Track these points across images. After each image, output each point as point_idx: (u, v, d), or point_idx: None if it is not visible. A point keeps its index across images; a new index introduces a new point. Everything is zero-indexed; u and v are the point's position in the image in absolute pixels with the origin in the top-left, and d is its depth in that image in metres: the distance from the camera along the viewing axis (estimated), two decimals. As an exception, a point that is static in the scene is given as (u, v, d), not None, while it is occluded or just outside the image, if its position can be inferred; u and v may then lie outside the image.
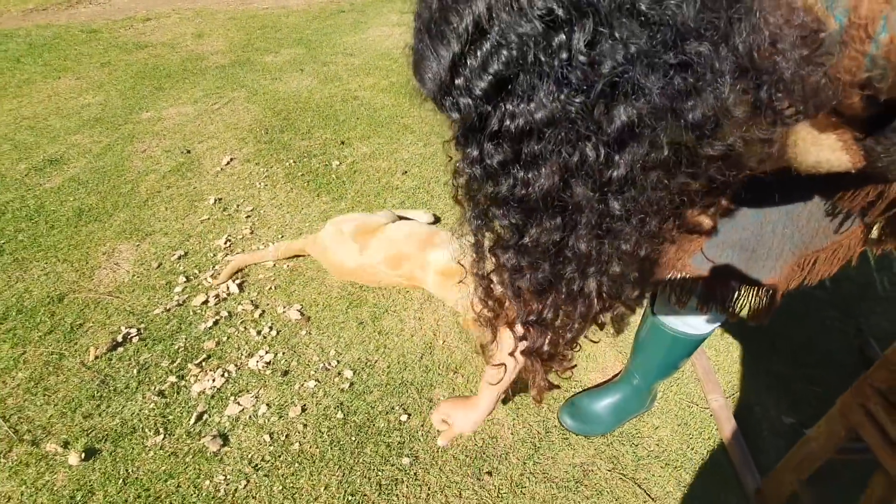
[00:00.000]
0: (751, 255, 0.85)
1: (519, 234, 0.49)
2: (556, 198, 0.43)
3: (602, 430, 1.21)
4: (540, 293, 0.55)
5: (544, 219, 0.45)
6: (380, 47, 3.53)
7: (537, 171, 0.41)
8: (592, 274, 0.50)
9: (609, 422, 1.21)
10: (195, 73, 2.98)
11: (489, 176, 0.45)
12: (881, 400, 0.83)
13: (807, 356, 1.45)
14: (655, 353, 1.10)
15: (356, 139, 2.35)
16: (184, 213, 1.85)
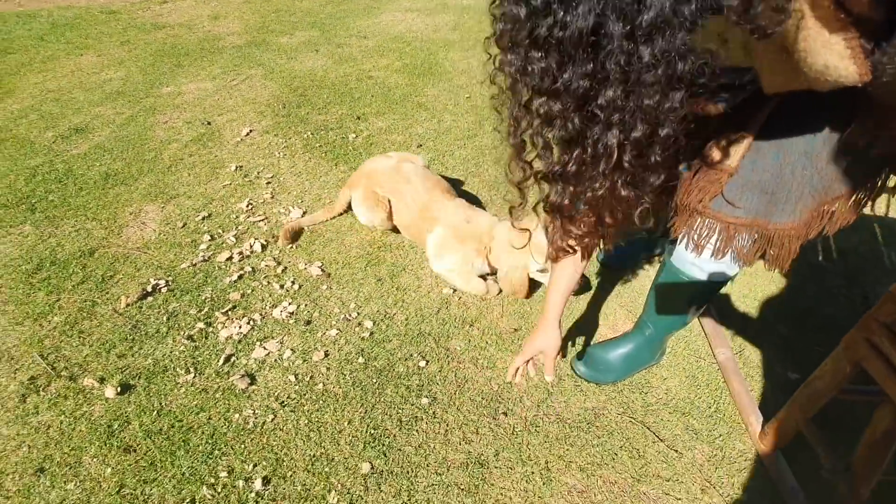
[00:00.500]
0: (770, 197, 0.87)
1: (553, 78, 0.54)
2: (590, 40, 0.48)
3: (613, 378, 1.26)
4: (567, 144, 0.60)
5: (578, 62, 0.51)
6: (393, 31, 3.57)
7: (575, 12, 0.47)
8: (616, 125, 0.55)
9: (620, 370, 1.26)
10: (212, 53, 3.03)
11: (532, 14, 0.50)
12: (886, 332, 0.88)
13: (812, 320, 1.49)
14: (671, 302, 1.14)
15: (371, 115, 2.40)
16: (206, 178, 1.90)
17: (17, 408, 1.12)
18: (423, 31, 3.64)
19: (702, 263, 1.01)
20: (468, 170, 2.04)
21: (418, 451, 1.09)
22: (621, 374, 1.26)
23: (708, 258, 0.98)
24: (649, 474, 1.08)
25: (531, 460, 1.09)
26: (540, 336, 1.11)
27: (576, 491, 1.04)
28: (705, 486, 1.07)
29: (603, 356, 1.27)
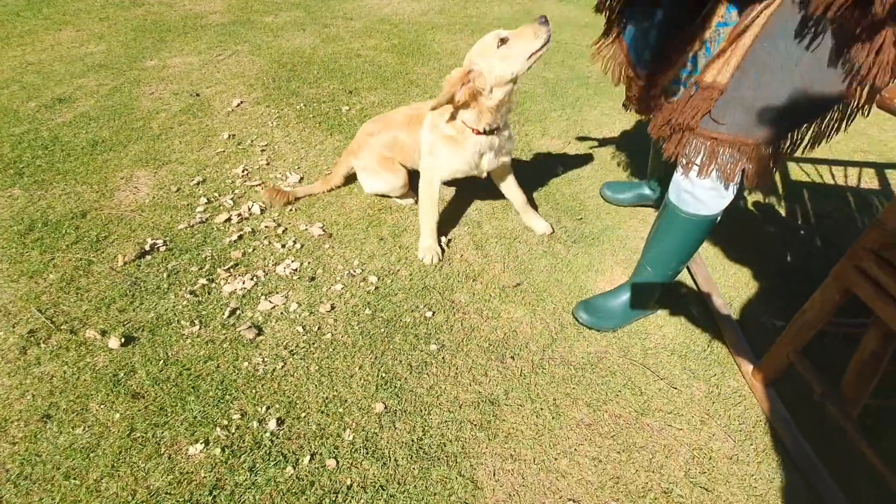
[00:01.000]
0: (751, 114, 0.96)
1: None
2: None
3: (613, 325, 1.30)
4: None
5: None
6: (379, 13, 3.57)
7: None
8: None
9: (620, 317, 1.31)
10: (196, 29, 2.97)
11: None
12: (874, 257, 0.94)
13: (793, 276, 1.57)
14: (671, 240, 1.20)
15: (363, 90, 2.40)
16: (198, 146, 1.88)
17: (17, 359, 1.10)
18: (409, 14, 3.65)
19: (695, 191, 1.08)
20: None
21: (430, 392, 1.11)
22: (621, 321, 1.31)
23: (700, 183, 1.06)
24: (652, 409, 1.13)
25: (540, 398, 1.12)
26: None
27: (584, 424, 1.08)
28: (704, 418, 1.12)
29: (605, 304, 1.32)
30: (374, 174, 1.58)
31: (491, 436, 1.04)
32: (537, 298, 1.38)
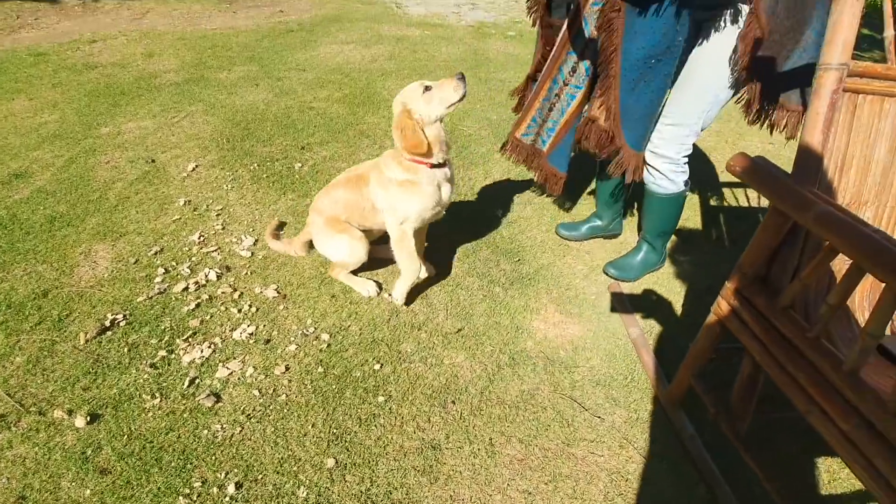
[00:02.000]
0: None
1: None
2: None
3: (634, 276, 1.80)
4: None
5: None
6: (331, 63, 3.73)
7: None
8: None
9: (638, 270, 1.81)
10: (150, 91, 3.07)
11: None
12: (738, 297, 1.12)
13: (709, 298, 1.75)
14: (656, 216, 1.72)
15: (316, 144, 2.53)
16: (155, 215, 1.96)
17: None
18: (360, 62, 3.83)
19: (659, 181, 1.62)
20: (409, 190, 2.22)
21: (377, 443, 1.23)
22: (639, 273, 1.81)
23: (657, 174, 1.61)
24: (577, 439, 1.27)
25: (477, 439, 1.25)
26: None
27: (516, 460, 1.21)
28: (623, 443, 1.27)
29: (626, 262, 1.82)
30: (326, 236, 1.61)
31: (432, 479, 1.16)
32: (477, 342, 1.52)
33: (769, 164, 1.02)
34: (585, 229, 1.99)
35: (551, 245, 1.97)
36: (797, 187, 0.93)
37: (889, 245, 0.76)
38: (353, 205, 1.58)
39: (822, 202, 0.89)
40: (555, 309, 1.67)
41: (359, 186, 1.57)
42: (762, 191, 0.99)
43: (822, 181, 1.04)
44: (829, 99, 0.98)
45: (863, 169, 1.07)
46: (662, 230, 1.76)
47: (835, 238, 0.82)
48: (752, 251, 1.09)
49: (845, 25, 0.94)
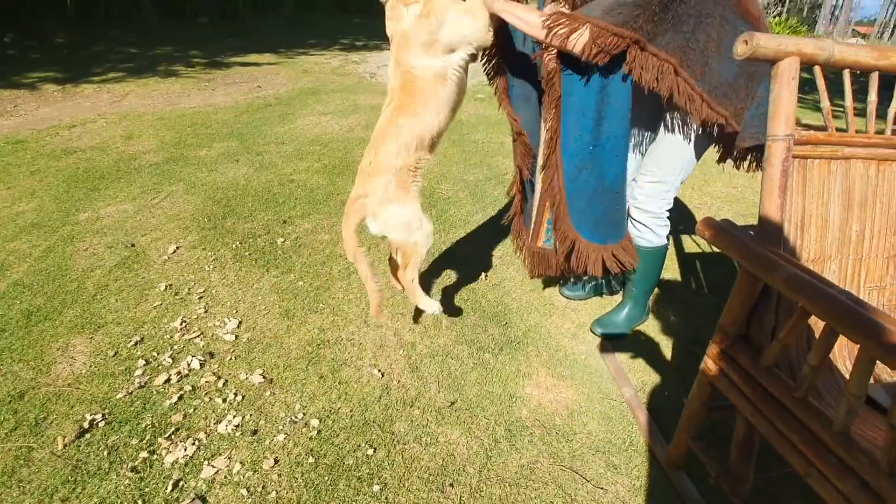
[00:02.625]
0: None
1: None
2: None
3: (621, 331, 1.81)
4: None
5: None
6: (309, 135, 3.86)
7: None
8: None
9: (624, 325, 1.81)
10: (129, 173, 3.10)
11: None
12: (723, 356, 1.14)
13: (697, 348, 1.78)
14: (639, 268, 1.70)
15: (297, 217, 2.56)
16: (135, 302, 1.93)
17: (-56, 583, 1.06)
18: (337, 132, 3.96)
19: (644, 235, 1.67)
20: (393, 258, 2.24)
21: (375, 538, 1.17)
22: (625, 329, 1.82)
23: (642, 227, 1.67)
24: (582, 514, 1.23)
25: (479, 524, 1.20)
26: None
27: (521, 544, 1.16)
28: (629, 515, 1.23)
29: (611, 319, 1.83)
30: (403, 203, 1.43)
31: (436, 575, 1.10)
32: (471, 415, 1.49)
33: (735, 228, 1.07)
34: (588, 289, 2.04)
35: (537, 305, 1.99)
36: (763, 250, 0.98)
37: (857, 308, 0.79)
38: (429, 92, 1.37)
39: (788, 264, 0.93)
40: (546, 372, 1.66)
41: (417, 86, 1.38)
42: (732, 254, 1.04)
43: (786, 241, 1.10)
44: (781, 167, 1.05)
45: (821, 226, 1.13)
46: (647, 283, 1.80)
47: (805, 301, 0.86)
48: (731, 311, 1.12)
49: (785, 101, 1.03)
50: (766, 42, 0.99)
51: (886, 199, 1.16)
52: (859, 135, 1.12)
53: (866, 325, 0.75)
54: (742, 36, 1.01)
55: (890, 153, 1.14)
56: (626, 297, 1.84)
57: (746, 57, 1.01)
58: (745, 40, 1.00)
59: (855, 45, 1.08)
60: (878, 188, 1.16)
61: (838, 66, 1.06)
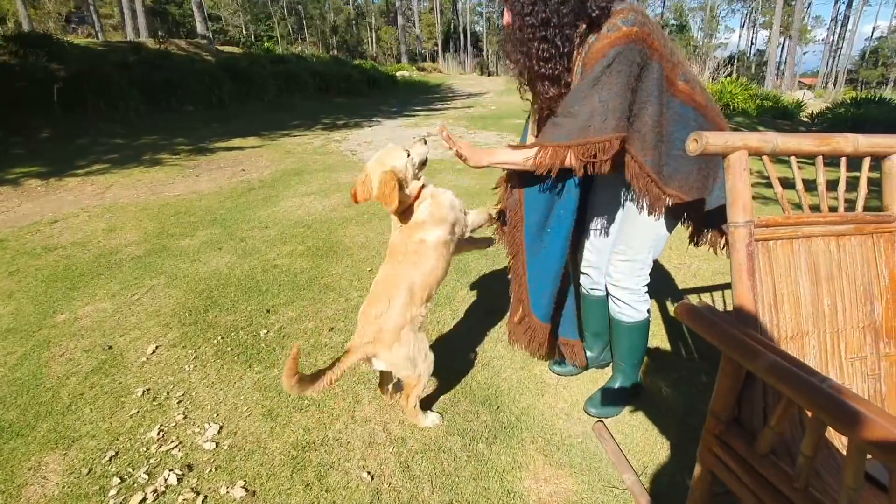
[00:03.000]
0: None
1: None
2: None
3: (614, 411, 1.80)
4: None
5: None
6: (293, 217, 3.92)
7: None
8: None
9: (618, 402, 1.81)
10: (110, 268, 3.08)
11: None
12: (718, 442, 1.11)
13: (695, 419, 1.74)
14: (622, 343, 1.76)
15: (281, 305, 2.54)
16: (110, 411, 1.85)
17: None
18: (320, 212, 4.04)
19: (624, 311, 1.69)
20: (379, 343, 2.21)
21: None
22: (619, 406, 1.81)
23: (623, 307, 1.69)
24: None
25: None
26: (478, 150, 1.51)
27: None
28: None
29: (604, 397, 1.80)
30: (414, 338, 1.57)
31: None
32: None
33: (713, 313, 1.09)
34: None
35: (528, 385, 1.95)
36: (742, 336, 0.99)
37: (840, 398, 0.80)
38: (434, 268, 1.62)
39: (768, 349, 0.94)
40: (543, 461, 1.60)
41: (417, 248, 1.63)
42: (712, 341, 1.05)
43: (763, 321, 1.12)
44: (746, 251, 1.09)
45: (794, 303, 1.15)
46: (634, 357, 1.79)
47: (788, 391, 0.86)
48: (719, 395, 1.11)
49: (740, 190, 1.09)
50: (714, 140, 1.06)
51: (851, 271, 1.21)
52: (815, 214, 1.18)
53: (852, 419, 0.75)
54: (692, 135, 1.08)
55: (846, 229, 1.20)
56: (616, 372, 1.82)
57: (699, 153, 1.08)
58: (694, 139, 1.07)
59: (796, 134, 1.16)
60: (842, 261, 1.20)
61: (783, 154, 1.13)
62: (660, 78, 1.34)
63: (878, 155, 1.20)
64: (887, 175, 1.22)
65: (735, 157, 1.09)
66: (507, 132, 8.35)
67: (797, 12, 26.89)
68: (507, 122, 9.72)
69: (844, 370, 1.20)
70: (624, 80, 1.29)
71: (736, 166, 1.09)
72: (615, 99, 1.30)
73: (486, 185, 4.72)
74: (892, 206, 1.23)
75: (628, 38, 1.27)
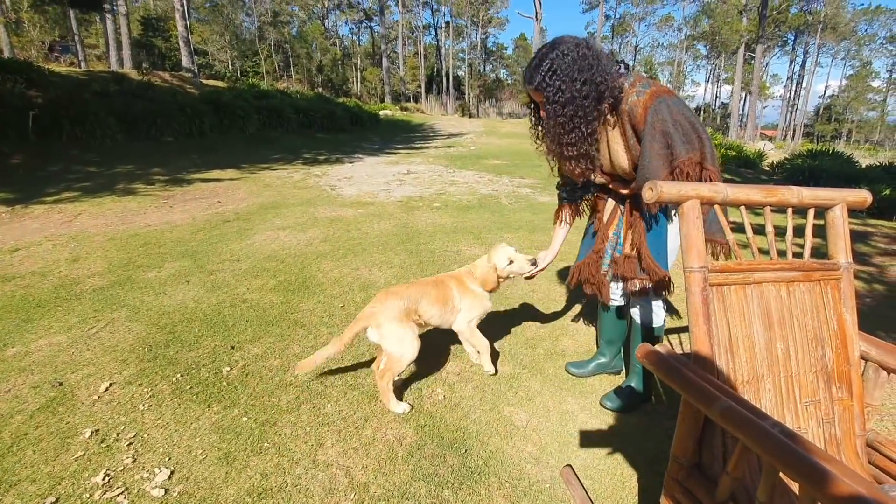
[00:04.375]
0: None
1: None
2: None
3: (629, 407, 2.03)
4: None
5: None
6: (266, 250, 3.87)
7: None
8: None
9: (631, 402, 2.04)
10: (69, 300, 2.96)
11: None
12: (679, 487, 1.11)
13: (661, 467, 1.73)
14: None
15: (246, 342, 2.47)
16: (54, 453, 1.73)
17: None
18: (295, 246, 4.00)
19: (648, 315, 1.95)
20: (347, 383, 2.15)
21: None
22: (631, 404, 2.03)
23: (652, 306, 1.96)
24: None
25: None
26: (545, 252, 2.14)
27: None
28: None
29: (619, 395, 2.05)
30: (399, 325, 1.93)
31: None
32: (429, 570, 1.34)
33: (673, 358, 1.11)
34: (592, 367, 2.28)
35: (497, 427, 1.92)
36: (699, 381, 1.01)
37: (791, 445, 0.81)
38: (441, 299, 2.05)
39: (724, 395, 0.96)
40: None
41: (443, 288, 2.08)
42: (671, 385, 1.06)
43: (720, 365, 1.14)
44: (701, 295, 1.12)
45: (749, 347, 1.18)
46: None
47: (741, 436, 0.87)
48: (680, 440, 1.12)
49: (694, 237, 1.14)
50: (668, 189, 1.11)
51: (801, 316, 1.25)
52: (765, 261, 1.23)
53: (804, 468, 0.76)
54: (647, 184, 1.13)
55: (795, 275, 1.25)
56: (632, 374, 2.09)
57: (654, 201, 1.13)
58: (650, 188, 1.12)
59: (745, 186, 1.23)
60: (793, 307, 1.25)
61: (733, 204, 1.19)
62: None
63: (820, 207, 1.28)
64: (830, 225, 1.30)
65: (688, 205, 1.14)
66: (486, 172, 8.55)
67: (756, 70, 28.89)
68: (486, 162, 9.97)
69: (800, 414, 1.23)
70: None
71: (689, 214, 1.14)
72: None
73: (462, 223, 4.78)
74: (837, 255, 1.30)
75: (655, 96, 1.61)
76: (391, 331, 1.90)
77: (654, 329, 1.96)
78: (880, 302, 3.27)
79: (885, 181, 8.21)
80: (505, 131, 18.23)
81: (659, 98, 1.60)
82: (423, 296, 2.01)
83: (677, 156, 1.58)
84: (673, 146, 1.58)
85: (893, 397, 2.18)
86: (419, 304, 1.99)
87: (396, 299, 1.95)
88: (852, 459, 1.25)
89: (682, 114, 1.59)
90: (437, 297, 2.04)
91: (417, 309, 1.99)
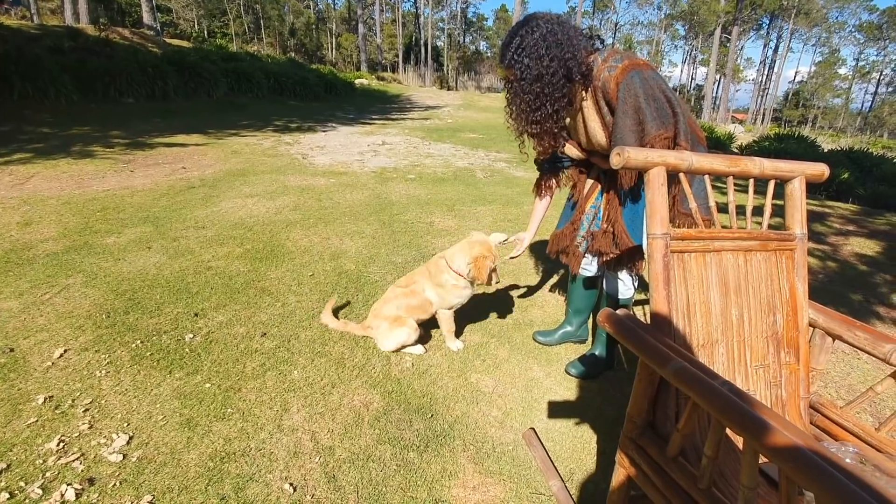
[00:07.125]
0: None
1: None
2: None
3: (593, 374, 2.11)
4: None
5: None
6: (233, 218, 3.75)
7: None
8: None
9: (596, 368, 2.11)
10: (20, 265, 2.81)
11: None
12: (633, 445, 1.15)
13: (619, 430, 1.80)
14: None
15: (210, 309, 2.41)
16: (5, 420, 1.66)
17: None
18: (264, 214, 3.90)
19: (621, 288, 1.99)
20: (314, 350, 2.14)
21: None
22: (595, 371, 2.11)
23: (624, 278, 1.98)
24: None
25: None
26: (524, 233, 2.15)
27: None
28: None
29: (585, 362, 2.11)
30: (391, 332, 2.13)
31: None
32: (393, 528, 1.37)
33: (632, 321, 1.13)
34: (559, 335, 2.34)
35: (464, 393, 1.95)
36: (656, 343, 1.03)
37: (737, 401, 0.84)
38: (417, 307, 2.15)
39: (677, 356, 0.99)
40: (473, 469, 1.59)
41: (417, 294, 2.16)
42: (628, 347, 1.08)
43: (676, 329, 1.17)
44: (662, 261, 1.14)
45: (705, 313, 1.22)
46: None
47: (691, 393, 0.90)
48: (635, 400, 1.15)
49: (658, 204, 1.15)
50: (635, 154, 1.11)
51: (756, 284, 1.29)
52: (725, 230, 1.25)
53: (748, 422, 0.80)
54: (615, 149, 1.13)
55: (752, 245, 1.28)
56: (597, 342, 2.16)
57: (621, 167, 1.13)
58: (617, 153, 1.12)
59: (710, 155, 1.24)
60: (749, 275, 1.29)
61: (698, 173, 1.21)
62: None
63: (781, 178, 1.31)
64: (789, 197, 1.33)
65: (654, 172, 1.14)
66: (462, 145, 8.47)
67: (731, 52, 29.25)
68: (463, 135, 9.86)
69: (750, 377, 1.28)
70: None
71: (654, 181, 1.14)
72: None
73: (436, 195, 4.74)
74: (793, 226, 1.33)
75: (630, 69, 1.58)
76: (388, 338, 2.15)
77: (621, 301, 2.00)
78: (832, 278, 3.43)
79: (845, 165, 8.54)
80: (483, 105, 18.02)
81: (632, 72, 1.56)
82: (403, 306, 2.17)
83: (648, 132, 1.55)
84: (644, 122, 1.56)
85: (838, 366, 2.31)
86: (404, 313, 2.17)
87: (379, 320, 2.16)
88: (795, 419, 1.32)
89: (657, 87, 1.56)
90: (413, 304, 2.17)
91: (403, 316, 2.16)
